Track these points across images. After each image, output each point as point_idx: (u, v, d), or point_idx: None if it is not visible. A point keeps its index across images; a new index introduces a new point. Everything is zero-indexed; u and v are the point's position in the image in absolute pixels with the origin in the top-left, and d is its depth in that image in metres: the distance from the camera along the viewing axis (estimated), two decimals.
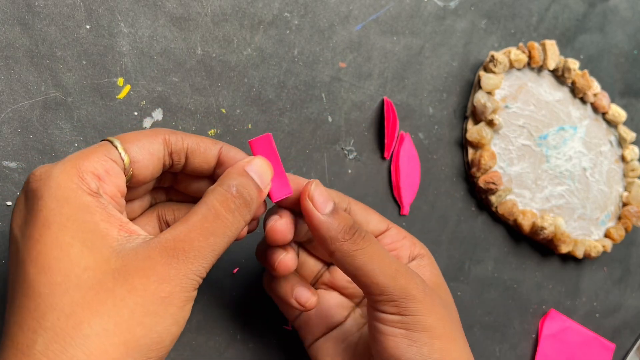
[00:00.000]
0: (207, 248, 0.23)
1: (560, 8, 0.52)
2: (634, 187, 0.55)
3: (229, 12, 0.36)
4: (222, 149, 0.28)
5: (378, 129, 0.43)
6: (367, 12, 0.42)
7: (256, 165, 0.27)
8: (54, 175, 0.22)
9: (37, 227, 0.22)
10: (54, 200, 0.22)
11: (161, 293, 0.22)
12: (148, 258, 0.22)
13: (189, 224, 0.23)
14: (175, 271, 0.22)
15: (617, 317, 0.57)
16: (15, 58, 0.31)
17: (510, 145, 0.48)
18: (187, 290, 0.23)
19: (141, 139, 0.26)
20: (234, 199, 0.25)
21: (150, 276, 0.22)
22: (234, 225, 0.25)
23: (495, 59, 0.46)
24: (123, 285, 0.21)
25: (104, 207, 0.23)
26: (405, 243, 0.34)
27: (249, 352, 0.38)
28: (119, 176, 0.24)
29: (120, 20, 0.33)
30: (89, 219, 0.22)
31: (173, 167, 0.28)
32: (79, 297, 0.21)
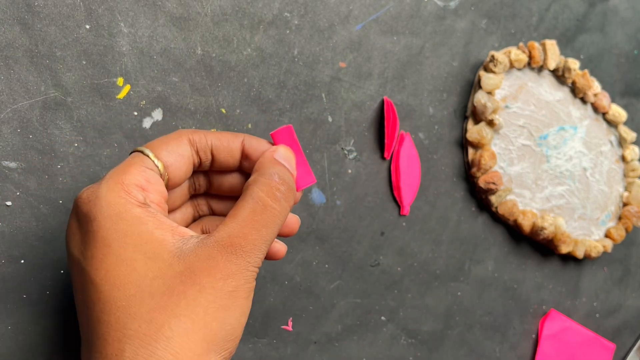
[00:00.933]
0: (260, 240, 0.24)
1: (560, 8, 0.52)
2: (634, 187, 0.55)
3: (229, 12, 0.36)
4: (244, 140, 0.28)
5: (378, 128, 0.43)
6: (367, 12, 0.42)
7: (282, 153, 0.28)
8: (101, 195, 0.24)
9: (98, 247, 0.23)
10: (107, 219, 0.23)
11: (228, 288, 0.23)
12: (209, 257, 0.23)
13: (240, 219, 0.24)
14: (236, 266, 0.23)
15: (618, 317, 0.57)
16: (14, 58, 0.31)
17: (510, 145, 0.48)
18: (249, 281, 0.24)
19: (169, 143, 0.27)
20: (278, 186, 0.25)
21: (216, 274, 0.23)
22: (282, 214, 0.25)
23: (496, 58, 0.46)
24: (192, 286, 0.23)
25: (154, 215, 0.24)
26: None
27: (249, 352, 0.38)
28: (160, 183, 0.26)
29: (120, 20, 0.33)
30: (144, 230, 0.23)
31: (202, 165, 0.28)
32: (154, 304, 0.22)
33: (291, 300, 0.40)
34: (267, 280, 0.39)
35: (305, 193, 0.40)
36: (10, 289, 0.31)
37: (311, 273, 0.41)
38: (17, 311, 0.31)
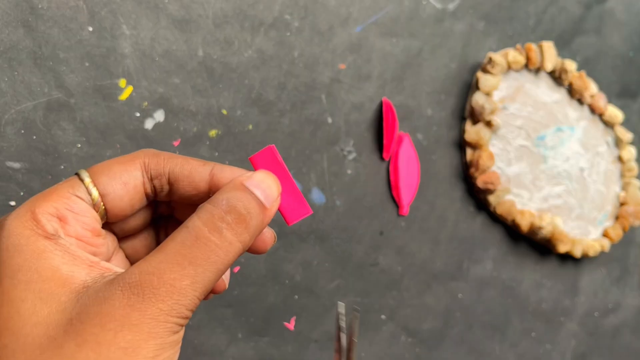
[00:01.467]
0: (184, 280, 0.19)
1: (557, 10, 0.52)
2: (631, 187, 0.55)
3: (230, 14, 0.37)
4: (213, 170, 0.23)
5: (377, 129, 0.43)
6: (366, 15, 0.42)
7: (257, 180, 0.22)
8: (6, 224, 0.20)
9: None
10: (4, 251, 0.19)
11: (120, 343, 0.18)
12: (107, 300, 0.18)
13: (162, 252, 0.19)
14: (139, 314, 0.18)
15: (617, 317, 0.57)
16: (18, 60, 0.31)
17: (508, 146, 0.49)
18: (158, 335, 0.18)
19: (113, 167, 0.22)
20: (223, 215, 0.20)
21: (106, 324, 0.18)
22: (222, 249, 0.20)
23: (493, 60, 0.46)
24: (74, 339, 0.18)
25: (65, 249, 0.20)
26: None
27: (250, 351, 0.38)
28: (87, 214, 0.21)
29: (122, 22, 0.34)
30: (45, 265, 0.19)
31: (157, 195, 0.24)
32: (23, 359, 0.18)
33: (292, 300, 0.40)
34: (267, 280, 0.39)
35: (306, 193, 0.41)
36: None
37: (311, 272, 0.41)
38: None
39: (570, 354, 0.54)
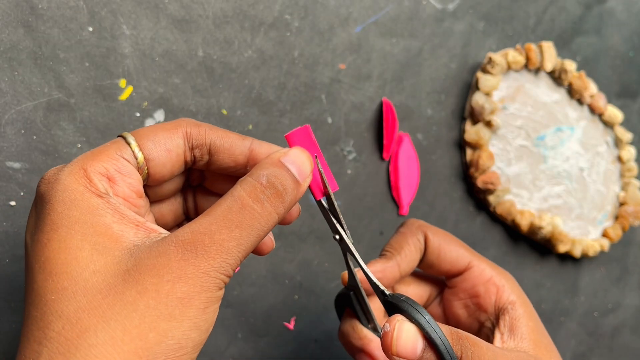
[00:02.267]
0: (231, 242, 0.20)
1: (557, 10, 0.52)
2: (630, 187, 0.55)
3: (230, 14, 0.37)
4: (252, 145, 0.25)
5: (377, 129, 0.44)
6: (366, 15, 0.42)
7: (293, 156, 0.23)
8: (61, 178, 0.21)
9: (45, 231, 0.20)
10: (61, 203, 0.21)
11: (177, 293, 0.19)
12: (162, 255, 0.20)
13: (211, 216, 0.21)
14: (194, 268, 0.20)
15: (616, 316, 0.57)
16: (18, 60, 0.31)
17: (508, 146, 0.49)
18: (209, 289, 0.20)
19: (158, 133, 0.24)
20: (263, 189, 0.22)
21: (164, 275, 0.19)
22: (263, 218, 0.22)
23: (493, 60, 0.46)
24: (134, 287, 0.19)
25: (116, 208, 0.21)
26: (490, 288, 0.30)
27: (251, 351, 0.38)
28: (133, 176, 0.23)
29: (122, 22, 0.34)
30: (100, 222, 0.21)
31: (196, 164, 0.25)
32: (85, 302, 0.19)
33: (292, 300, 0.40)
34: (267, 280, 0.39)
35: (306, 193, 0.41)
36: (14, 287, 0.31)
37: (311, 272, 0.41)
38: (21, 310, 0.31)
39: (570, 353, 0.54)
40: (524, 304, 0.30)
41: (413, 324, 0.24)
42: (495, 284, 0.30)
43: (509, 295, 0.30)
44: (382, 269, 0.30)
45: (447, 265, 0.31)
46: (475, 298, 0.31)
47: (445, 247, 0.31)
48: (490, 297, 0.30)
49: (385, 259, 0.30)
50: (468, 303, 0.31)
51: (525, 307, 0.30)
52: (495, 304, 0.30)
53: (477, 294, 0.31)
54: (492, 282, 0.30)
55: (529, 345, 0.28)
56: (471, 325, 0.32)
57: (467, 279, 0.31)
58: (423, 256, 0.31)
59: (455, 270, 0.31)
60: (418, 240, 0.31)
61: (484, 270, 0.31)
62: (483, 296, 0.30)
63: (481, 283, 0.30)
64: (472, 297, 0.31)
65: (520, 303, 0.30)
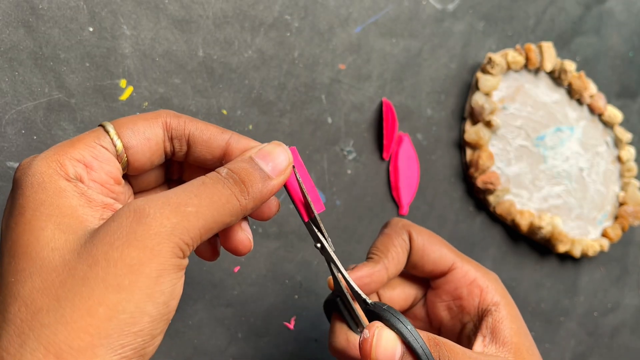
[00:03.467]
0: (188, 206, 0.20)
1: (556, 11, 0.52)
2: (630, 187, 0.55)
3: (230, 14, 0.37)
4: (230, 138, 0.25)
5: (377, 130, 0.44)
6: (366, 15, 0.42)
7: (265, 151, 0.23)
8: (33, 164, 0.21)
9: (13, 215, 0.20)
10: (29, 187, 0.21)
11: (126, 259, 0.18)
12: (114, 221, 0.19)
13: (170, 190, 0.21)
14: (143, 228, 0.19)
15: (616, 316, 0.57)
16: (19, 60, 0.31)
17: (508, 146, 0.49)
18: (161, 254, 0.19)
19: (137, 122, 0.24)
20: (225, 176, 0.22)
21: (114, 241, 0.19)
22: (224, 195, 0.21)
23: (493, 60, 0.46)
24: (85, 260, 0.19)
25: (83, 192, 0.21)
26: (473, 290, 0.30)
27: (251, 350, 0.38)
28: (111, 163, 0.23)
29: (122, 22, 0.34)
30: (66, 204, 0.20)
31: (175, 155, 0.25)
32: (40, 281, 0.18)
33: (292, 299, 0.40)
34: (267, 280, 0.39)
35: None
36: None
37: (311, 272, 0.41)
38: None
39: (570, 353, 0.54)
40: (508, 305, 0.29)
41: (392, 331, 0.24)
42: (478, 286, 0.30)
43: (493, 296, 0.29)
44: (370, 273, 0.29)
45: (430, 266, 0.31)
46: (458, 300, 0.30)
47: (428, 248, 0.30)
48: (473, 299, 0.30)
49: (372, 262, 0.30)
50: (451, 305, 0.31)
51: (509, 309, 0.29)
52: (478, 306, 0.29)
53: (460, 296, 0.30)
54: (475, 284, 0.30)
55: (510, 349, 0.27)
56: (454, 327, 0.31)
57: (450, 280, 0.30)
58: (408, 256, 0.31)
59: (439, 271, 0.31)
60: (404, 241, 0.30)
61: (468, 272, 0.30)
62: (466, 298, 0.30)
63: (464, 285, 0.30)
64: (455, 299, 0.31)
65: (504, 304, 0.29)
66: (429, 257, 0.30)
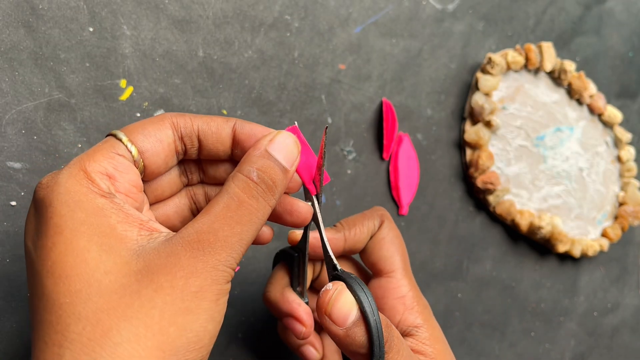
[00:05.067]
0: (234, 237, 0.22)
1: (556, 11, 0.52)
2: (630, 187, 0.55)
3: (230, 14, 0.37)
4: (235, 125, 0.25)
5: (377, 130, 0.44)
6: (366, 15, 0.42)
7: (279, 143, 0.24)
8: (61, 181, 0.21)
9: (49, 235, 0.20)
10: (64, 205, 0.21)
11: (191, 288, 0.20)
12: (172, 254, 0.21)
13: (212, 214, 0.22)
14: (203, 264, 0.21)
15: (616, 316, 0.57)
16: (19, 60, 0.31)
17: (507, 146, 0.49)
18: (219, 282, 0.21)
19: (146, 127, 0.24)
20: (255, 185, 0.23)
21: (177, 272, 0.20)
22: (260, 211, 0.23)
23: (493, 61, 0.46)
24: (149, 286, 0.20)
25: (120, 207, 0.22)
26: (397, 306, 0.29)
27: (250, 350, 0.38)
28: (131, 170, 0.23)
29: (122, 22, 0.34)
30: (105, 222, 0.21)
31: (187, 152, 0.26)
32: (102, 303, 0.19)
33: None
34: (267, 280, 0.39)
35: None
36: (15, 287, 0.31)
37: None
38: (21, 309, 0.31)
39: (570, 353, 0.54)
40: (431, 328, 0.29)
41: (353, 297, 0.24)
42: (404, 304, 0.29)
43: (415, 318, 0.29)
44: (329, 237, 0.30)
45: (375, 259, 0.31)
46: (380, 310, 0.30)
47: (385, 244, 0.31)
48: (394, 315, 0.29)
49: (334, 230, 0.31)
50: None
51: (432, 330, 0.29)
52: (398, 325, 0.29)
53: (382, 307, 0.30)
54: (402, 301, 0.30)
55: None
56: None
57: (381, 286, 0.30)
58: (368, 241, 0.31)
59: (378, 268, 0.31)
60: (373, 224, 0.31)
61: (401, 286, 0.30)
62: (387, 311, 0.29)
63: (391, 297, 0.30)
64: (381, 307, 0.30)
65: (427, 327, 0.29)
66: (380, 251, 0.31)
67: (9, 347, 0.31)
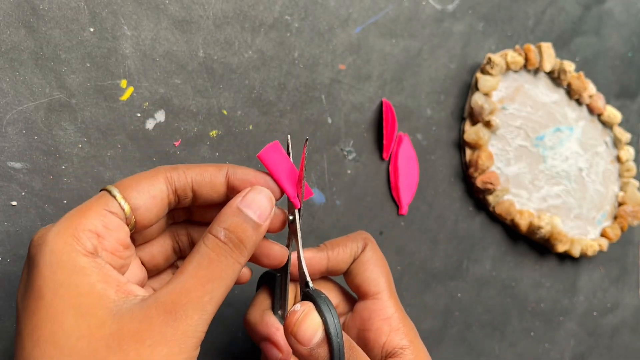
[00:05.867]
0: (205, 296, 0.22)
1: (556, 11, 0.52)
2: (629, 187, 0.55)
3: (231, 14, 0.37)
4: (228, 172, 0.26)
5: (377, 130, 0.44)
6: (366, 15, 0.42)
7: (250, 200, 0.24)
8: (48, 239, 0.22)
9: (32, 298, 0.21)
10: (47, 267, 0.21)
11: (157, 357, 0.20)
12: (145, 319, 0.21)
13: (185, 274, 0.22)
14: (173, 330, 0.21)
15: (615, 316, 0.57)
16: (20, 60, 0.31)
17: (507, 146, 0.49)
18: (187, 350, 0.21)
19: (140, 182, 0.24)
20: (224, 245, 0.23)
21: (145, 340, 0.20)
22: (230, 269, 0.23)
23: (492, 61, 0.46)
24: (117, 354, 0.20)
25: (101, 267, 0.22)
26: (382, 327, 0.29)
27: (250, 351, 0.38)
28: (120, 229, 0.24)
29: (123, 23, 0.34)
30: (84, 282, 0.21)
31: (180, 203, 0.26)
32: None
33: None
34: None
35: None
36: (15, 287, 0.31)
37: None
38: None
39: (569, 353, 0.54)
40: (417, 350, 0.29)
41: (320, 318, 0.25)
42: (390, 325, 0.29)
43: (401, 339, 0.29)
44: (311, 256, 0.30)
45: (360, 281, 0.31)
46: (365, 332, 0.30)
47: (370, 266, 0.31)
48: (380, 336, 0.29)
49: (317, 249, 0.31)
50: (359, 335, 0.30)
51: (418, 353, 0.29)
52: (384, 346, 0.29)
53: (368, 328, 0.30)
54: (388, 322, 0.30)
55: None
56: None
57: (367, 307, 0.30)
58: (350, 264, 0.31)
59: (363, 291, 0.31)
60: (357, 247, 0.31)
61: (387, 308, 0.30)
62: (373, 333, 0.29)
63: (377, 318, 0.30)
64: (362, 330, 0.30)
65: (413, 349, 0.29)
66: (365, 273, 0.31)
67: (9, 347, 0.31)
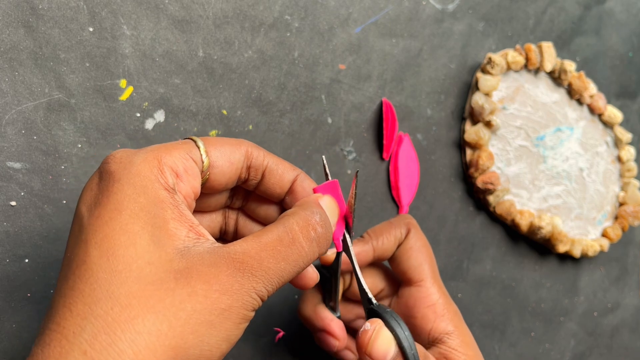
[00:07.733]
0: (276, 272, 0.22)
1: (556, 11, 0.52)
2: (630, 187, 0.55)
3: (230, 14, 0.37)
4: (298, 176, 0.27)
5: (377, 130, 0.44)
6: (366, 15, 0.42)
7: (327, 202, 0.26)
8: (135, 161, 0.22)
9: (108, 209, 0.21)
10: (131, 186, 0.21)
11: (221, 304, 0.21)
12: (214, 265, 0.21)
13: (262, 242, 0.22)
14: (239, 285, 0.21)
15: (616, 316, 0.57)
16: (19, 60, 0.31)
17: (507, 146, 0.49)
18: (246, 307, 0.21)
19: (224, 145, 0.25)
20: (316, 226, 0.23)
21: (213, 284, 0.21)
22: (308, 256, 0.23)
23: (493, 61, 0.46)
24: (184, 288, 0.20)
25: (177, 205, 0.22)
26: (428, 314, 0.30)
27: (250, 351, 0.38)
28: (196, 177, 0.24)
29: (122, 22, 0.34)
30: (161, 214, 0.21)
31: (248, 182, 0.27)
32: (137, 289, 0.20)
33: (292, 299, 0.40)
34: None
35: None
36: (15, 287, 0.31)
37: None
38: (21, 309, 0.31)
39: (570, 353, 0.54)
40: (462, 334, 0.30)
41: (391, 333, 0.25)
42: (435, 312, 0.30)
43: (447, 325, 0.30)
44: (357, 252, 0.31)
45: (404, 268, 0.32)
46: (412, 319, 0.31)
47: (413, 252, 0.32)
48: (426, 323, 0.30)
49: (362, 242, 0.32)
50: (405, 322, 0.31)
51: (463, 337, 0.30)
52: (429, 332, 0.30)
53: (414, 315, 0.31)
54: (433, 309, 0.30)
55: None
56: None
57: (412, 295, 0.31)
58: (395, 251, 0.32)
59: (408, 277, 0.32)
60: (400, 233, 0.32)
61: (431, 294, 0.31)
62: (419, 320, 0.30)
63: (422, 305, 0.31)
64: (408, 317, 0.31)
65: (458, 333, 0.30)
66: (409, 260, 0.32)
67: (9, 347, 0.31)
